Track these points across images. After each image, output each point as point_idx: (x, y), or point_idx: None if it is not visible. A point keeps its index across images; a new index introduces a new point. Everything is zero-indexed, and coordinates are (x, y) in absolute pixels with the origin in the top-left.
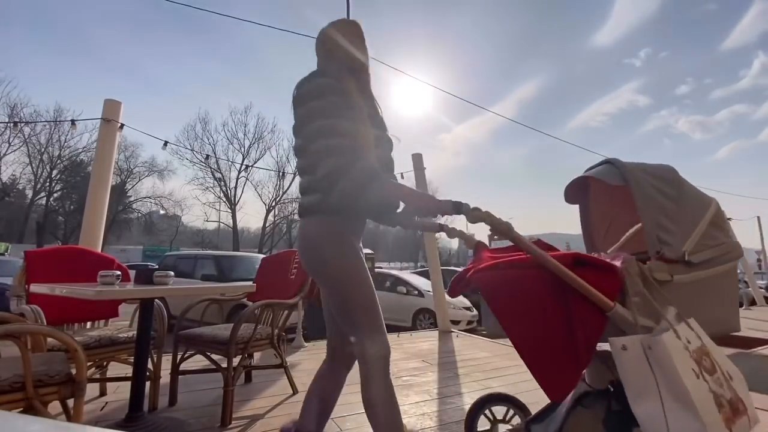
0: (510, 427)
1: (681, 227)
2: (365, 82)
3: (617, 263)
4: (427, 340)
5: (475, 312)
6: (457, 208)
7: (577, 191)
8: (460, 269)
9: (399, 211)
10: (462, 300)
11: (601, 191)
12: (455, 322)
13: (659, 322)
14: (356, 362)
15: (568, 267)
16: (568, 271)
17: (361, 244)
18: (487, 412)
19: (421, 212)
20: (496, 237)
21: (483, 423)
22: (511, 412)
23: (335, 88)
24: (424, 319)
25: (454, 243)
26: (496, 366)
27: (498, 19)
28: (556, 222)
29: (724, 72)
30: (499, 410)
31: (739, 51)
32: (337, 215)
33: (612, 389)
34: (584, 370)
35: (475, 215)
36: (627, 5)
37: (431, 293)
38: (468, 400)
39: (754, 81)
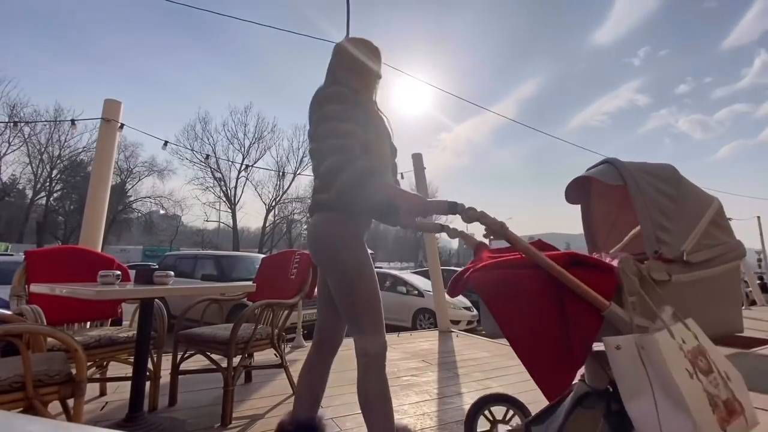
0: (510, 428)
1: (680, 226)
2: (375, 95)
3: (615, 263)
4: (427, 340)
5: (475, 312)
6: (453, 207)
7: (578, 191)
8: (460, 269)
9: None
10: (462, 300)
11: (604, 191)
12: (455, 322)
13: (655, 321)
14: (336, 351)
15: (564, 266)
16: (562, 270)
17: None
18: (486, 412)
19: (416, 213)
20: (491, 237)
21: (483, 423)
22: (511, 412)
23: (348, 96)
24: (424, 319)
25: (454, 243)
26: (496, 366)
27: (498, 18)
28: (556, 222)
29: (725, 71)
30: (499, 411)
31: (740, 49)
32: (344, 212)
33: (611, 390)
34: (584, 371)
35: (470, 215)
36: (626, 4)
37: (431, 293)
38: (468, 400)
39: (755, 80)
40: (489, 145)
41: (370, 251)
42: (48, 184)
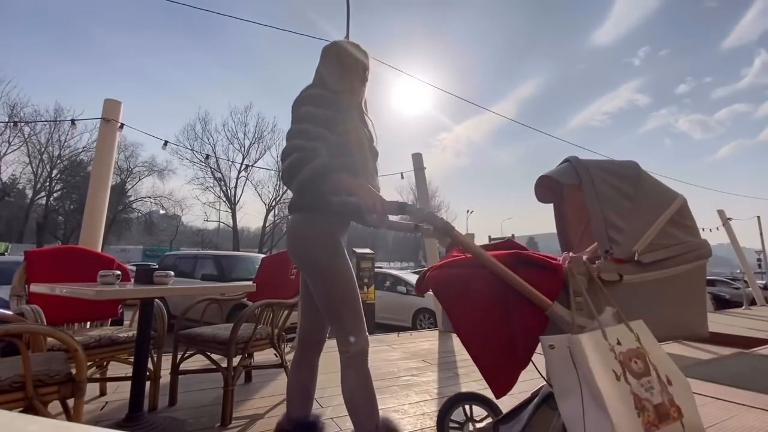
0: (479, 427)
1: (634, 226)
2: (361, 98)
3: (565, 263)
4: (427, 340)
5: None
6: (401, 208)
7: (546, 190)
8: None
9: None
10: None
11: (576, 190)
12: None
13: (594, 322)
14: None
15: (511, 266)
16: (507, 270)
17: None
18: (458, 410)
19: (369, 211)
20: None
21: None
22: (484, 412)
23: (328, 99)
24: (424, 318)
25: None
26: None
27: (498, 18)
28: None
29: (725, 71)
30: (476, 409)
31: (740, 49)
32: (316, 212)
33: None
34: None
35: (417, 215)
36: (626, 4)
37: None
38: None
39: (755, 80)
40: (489, 145)
41: (369, 251)
42: (48, 184)
